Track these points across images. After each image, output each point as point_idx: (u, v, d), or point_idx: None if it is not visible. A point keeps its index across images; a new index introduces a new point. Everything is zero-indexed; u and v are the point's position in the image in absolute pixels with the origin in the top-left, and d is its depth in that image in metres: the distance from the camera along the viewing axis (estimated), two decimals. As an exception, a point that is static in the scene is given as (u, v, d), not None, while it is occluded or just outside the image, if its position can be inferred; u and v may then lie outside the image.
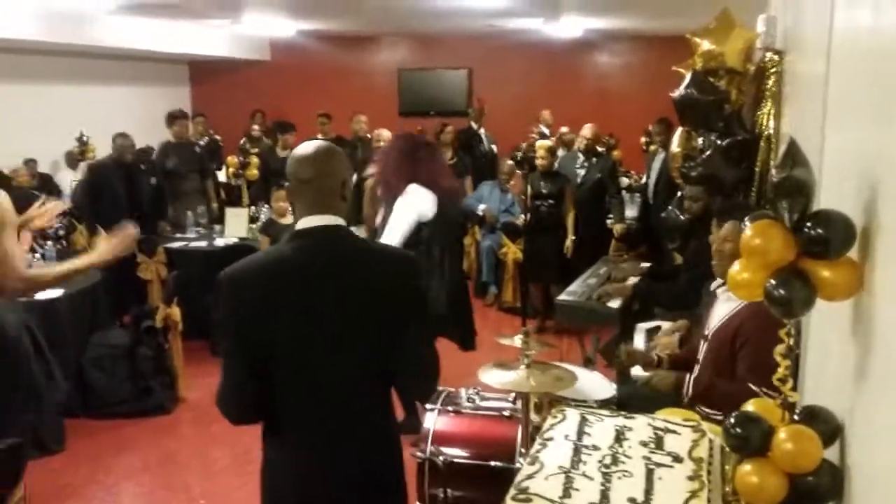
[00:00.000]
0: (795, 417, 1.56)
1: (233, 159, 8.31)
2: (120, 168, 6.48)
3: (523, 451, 2.69)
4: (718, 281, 2.82)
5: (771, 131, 3.55)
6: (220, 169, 8.69)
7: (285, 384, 1.92)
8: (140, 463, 4.32)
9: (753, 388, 2.40)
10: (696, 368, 2.81)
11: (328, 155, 1.99)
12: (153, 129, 8.28)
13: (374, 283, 1.96)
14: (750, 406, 1.66)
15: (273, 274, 1.92)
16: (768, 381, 1.68)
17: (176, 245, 6.24)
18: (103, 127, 7.28)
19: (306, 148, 2.01)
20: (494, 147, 9.20)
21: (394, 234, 4.04)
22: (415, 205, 4.08)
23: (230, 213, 6.72)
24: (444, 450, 2.86)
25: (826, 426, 1.52)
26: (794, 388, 1.63)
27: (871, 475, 1.34)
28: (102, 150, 7.43)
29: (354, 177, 6.04)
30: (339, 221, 1.97)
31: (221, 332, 1.97)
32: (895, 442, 1.19)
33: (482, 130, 9.08)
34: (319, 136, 8.48)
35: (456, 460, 2.84)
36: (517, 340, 2.71)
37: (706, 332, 2.78)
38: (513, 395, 2.96)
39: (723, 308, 2.73)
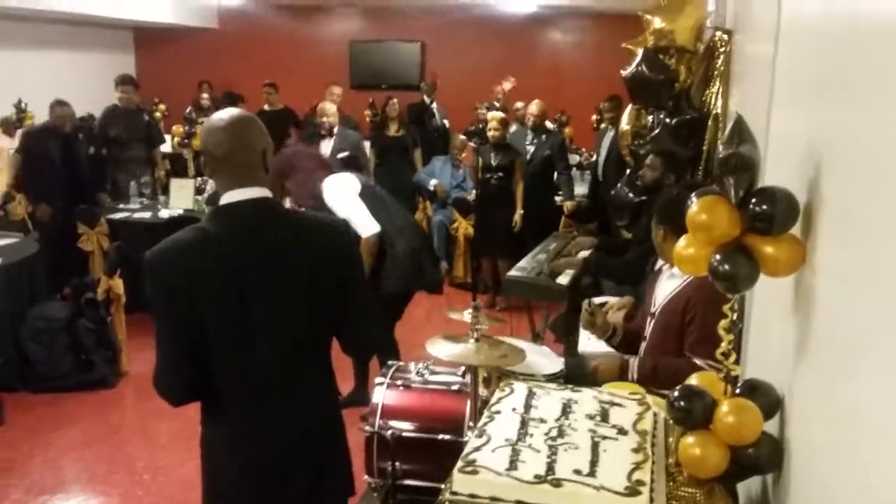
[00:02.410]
0: (737, 391, 1.59)
1: (178, 129, 8.12)
2: (56, 137, 6.25)
3: (471, 424, 2.70)
4: None
5: (719, 110, 3.60)
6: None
7: (223, 362, 1.88)
8: (82, 437, 4.23)
9: (698, 362, 2.45)
10: (642, 348, 2.85)
11: (245, 126, 1.91)
12: (95, 96, 8.01)
13: (306, 252, 1.93)
14: (693, 380, 1.69)
15: (201, 253, 1.84)
16: (714, 353, 1.71)
17: (119, 216, 6.08)
18: (43, 94, 7.00)
19: (220, 120, 1.91)
20: (447, 122, 9.15)
21: (362, 221, 3.98)
22: (345, 188, 4.03)
23: (175, 183, 6.56)
24: (393, 423, 2.85)
25: (766, 399, 1.56)
26: (737, 363, 1.66)
27: (808, 447, 1.38)
28: (42, 117, 7.16)
29: None
30: (265, 193, 1.92)
31: (153, 314, 1.89)
32: (830, 415, 1.22)
33: (434, 105, 9.02)
34: (266, 106, 8.34)
35: (404, 434, 2.84)
36: (467, 315, 2.71)
37: (653, 310, 2.81)
38: (462, 369, 2.96)
39: (668, 285, 2.76)
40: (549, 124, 7.40)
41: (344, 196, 4.04)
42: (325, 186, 4.04)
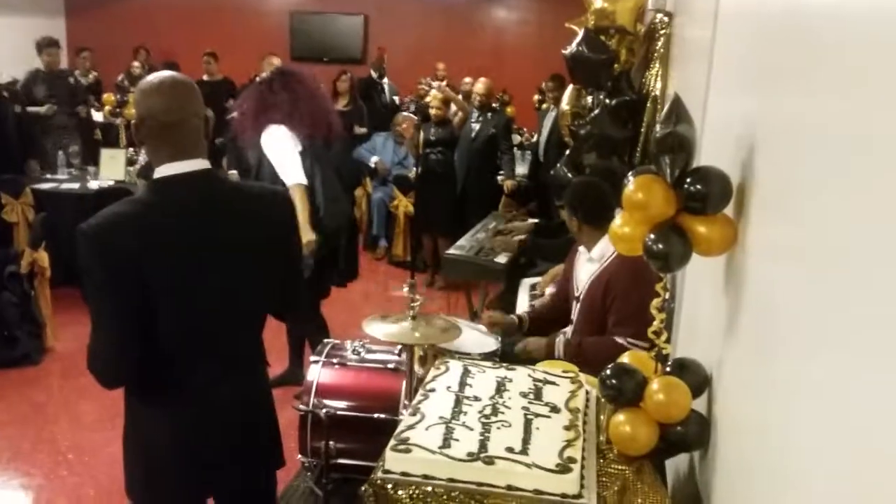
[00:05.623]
0: (667, 369, 1.61)
1: (110, 97, 7.80)
2: None
3: (407, 403, 2.69)
4: None
5: (657, 92, 3.63)
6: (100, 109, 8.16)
7: (170, 340, 1.80)
8: (4, 415, 4.07)
9: (619, 340, 2.52)
10: (569, 331, 2.90)
11: (193, 90, 1.84)
12: (21, 61, 7.66)
13: (252, 225, 1.89)
14: (625, 358, 1.71)
15: (151, 226, 1.75)
16: (635, 332, 1.73)
17: (45, 186, 5.83)
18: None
19: (162, 84, 1.79)
20: (396, 98, 9.06)
21: (289, 168, 3.78)
22: (283, 139, 3.84)
23: (106, 154, 6.31)
24: (328, 402, 2.82)
25: (695, 378, 1.58)
26: (668, 341, 1.68)
27: (733, 425, 1.40)
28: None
29: None
30: (208, 164, 1.85)
31: (92, 292, 1.78)
32: (755, 394, 1.24)
33: (385, 80, 8.93)
34: (205, 76, 8.12)
35: (339, 412, 2.82)
36: (404, 292, 2.69)
37: (577, 294, 2.86)
38: (399, 348, 2.94)
39: (587, 268, 2.81)
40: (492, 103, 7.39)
41: (284, 143, 3.82)
42: (267, 130, 3.82)
